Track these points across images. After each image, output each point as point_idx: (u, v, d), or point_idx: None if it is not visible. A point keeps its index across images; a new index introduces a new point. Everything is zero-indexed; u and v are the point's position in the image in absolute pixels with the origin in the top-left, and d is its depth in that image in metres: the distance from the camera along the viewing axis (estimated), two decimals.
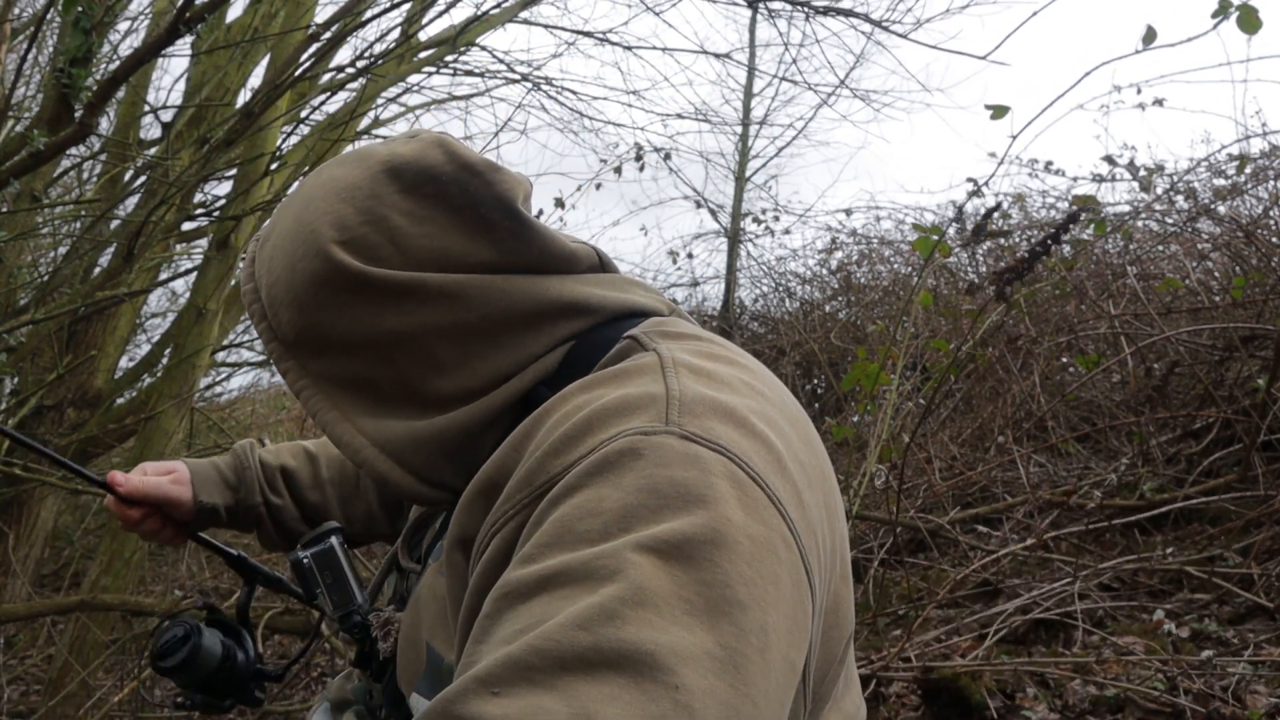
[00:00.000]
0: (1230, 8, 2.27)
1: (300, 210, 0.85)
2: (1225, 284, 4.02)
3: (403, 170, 0.83)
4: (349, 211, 0.82)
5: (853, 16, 5.24)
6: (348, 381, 0.83)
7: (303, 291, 0.82)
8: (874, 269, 6.31)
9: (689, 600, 0.58)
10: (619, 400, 0.71)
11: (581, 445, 0.68)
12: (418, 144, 0.84)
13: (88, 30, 2.62)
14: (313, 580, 0.94)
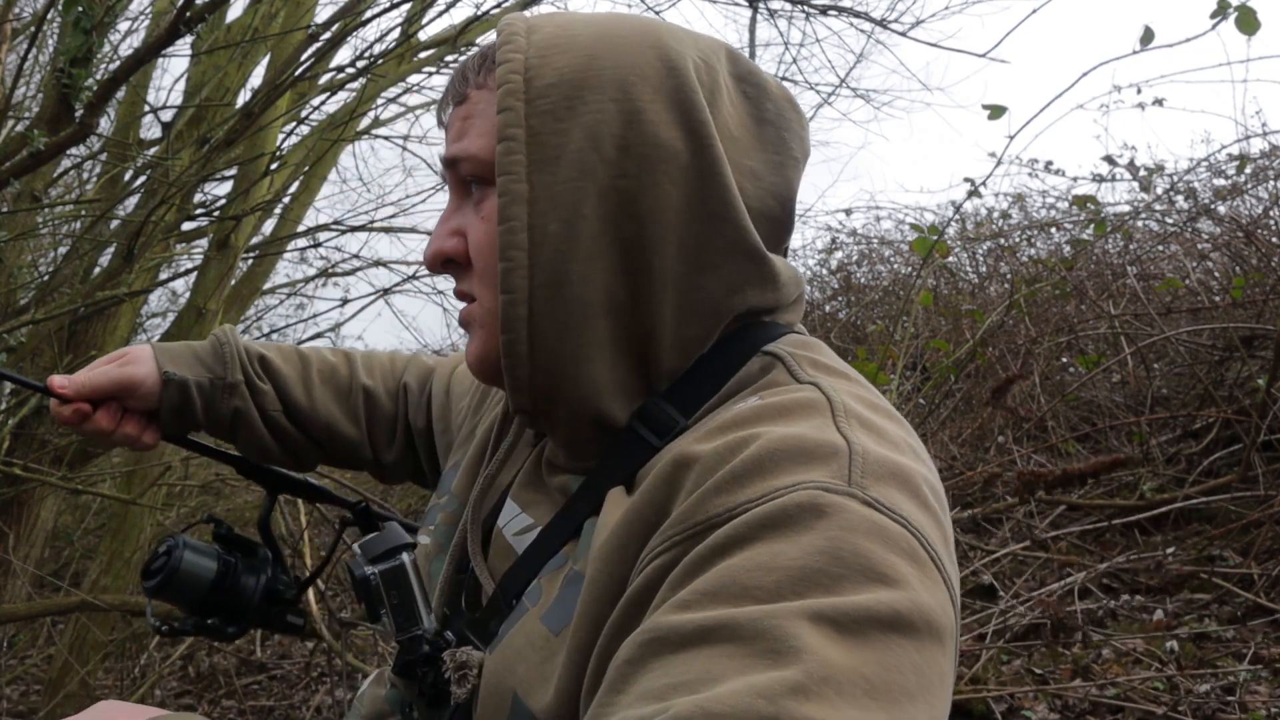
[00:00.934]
0: (1229, 8, 2.27)
1: (642, 24, 0.81)
2: (1225, 284, 4.02)
3: (739, 58, 0.83)
4: (694, 52, 0.80)
5: (853, 15, 5.25)
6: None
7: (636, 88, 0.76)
8: (874, 269, 6.31)
9: (868, 681, 0.54)
10: (795, 443, 0.66)
11: (751, 488, 0.63)
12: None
13: (88, 30, 2.62)
14: (377, 600, 0.83)
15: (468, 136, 0.82)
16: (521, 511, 0.86)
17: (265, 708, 3.74)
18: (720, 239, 0.78)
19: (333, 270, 5.93)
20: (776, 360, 0.78)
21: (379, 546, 0.85)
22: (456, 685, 0.78)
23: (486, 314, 0.82)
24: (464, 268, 0.83)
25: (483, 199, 0.81)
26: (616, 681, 0.58)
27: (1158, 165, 4.65)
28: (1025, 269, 5.05)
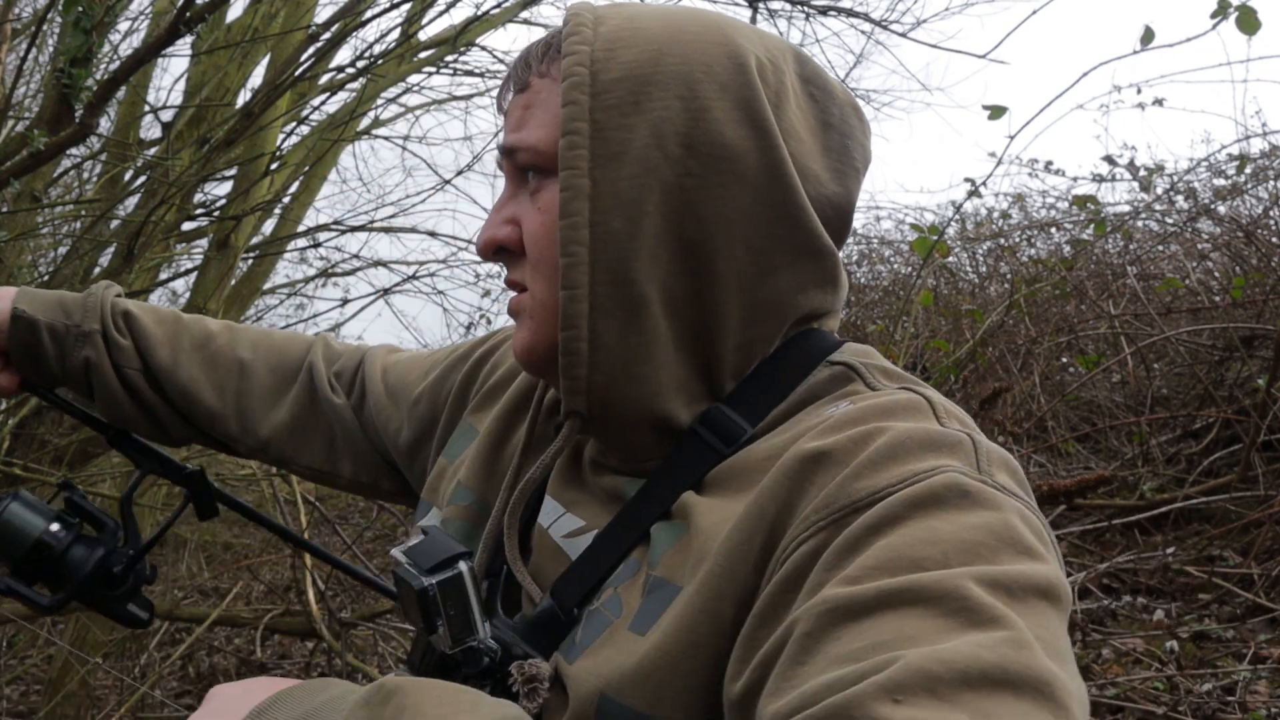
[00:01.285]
0: (1229, 8, 2.27)
1: (710, 20, 0.81)
2: (1225, 284, 4.02)
3: (807, 60, 0.83)
4: (761, 51, 0.79)
5: (853, 16, 5.24)
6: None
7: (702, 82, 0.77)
8: (874, 269, 6.31)
9: (1044, 642, 0.56)
10: (923, 434, 0.68)
11: (890, 472, 0.65)
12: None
13: (88, 30, 2.62)
14: (435, 611, 0.77)
15: (528, 126, 0.81)
16: (567, 511, 0.84)
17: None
18: (789, 239, 0.78)
19: (333, 270, 5.93)
20: (850, 370, 0.79)
21: (434, 554, 0.79)
22: (526, 699, 0.75)
23: (539, 305, 0.80)
24: (516, 256, 0.82)
25: (539, 189, 0.80)
26: (798, 654, 0.59)
27: (1158, 165, 4.65)
28: (1025, 269, 5.05)
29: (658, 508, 0.78)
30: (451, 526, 0.92)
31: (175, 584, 5.34)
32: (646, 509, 0.79)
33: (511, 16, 4.93)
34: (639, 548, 0.78)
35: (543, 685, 0.75)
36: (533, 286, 0.80)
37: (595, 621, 0.77)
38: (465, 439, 1.01)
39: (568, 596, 0.79)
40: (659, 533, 0.77)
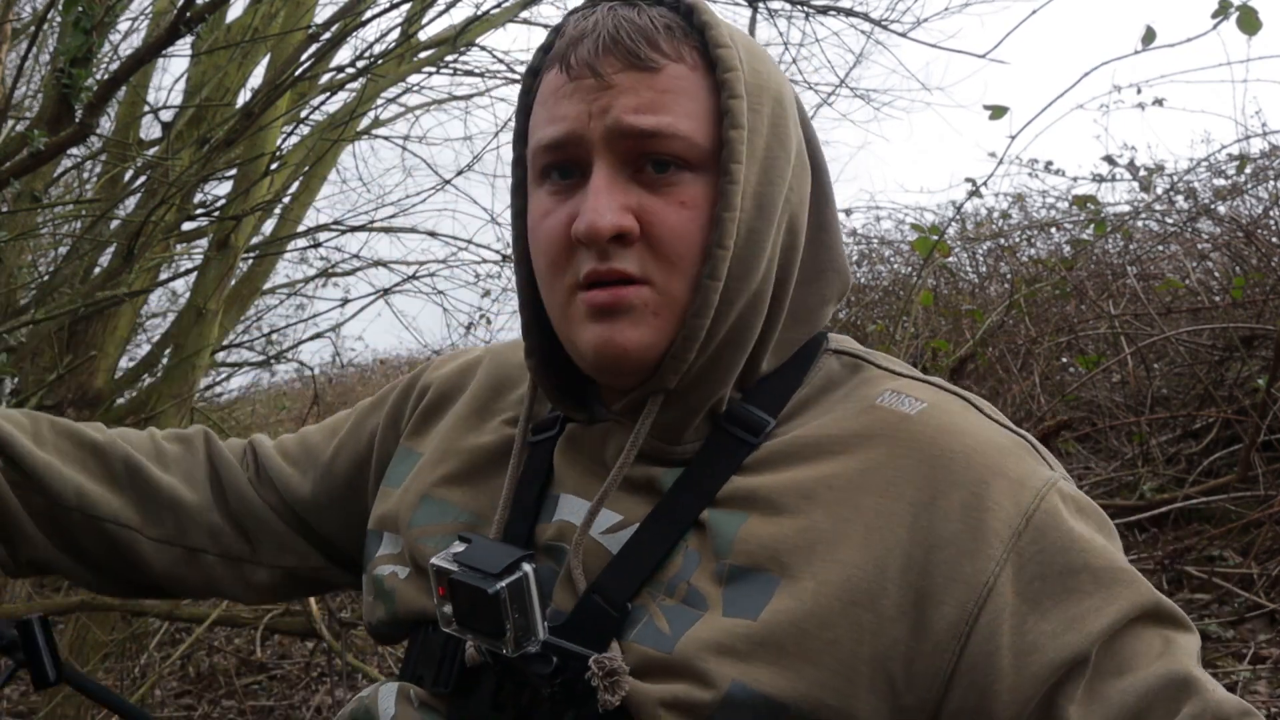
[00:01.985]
0: (1230, 8, 2.27)
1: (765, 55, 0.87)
2: (1225, 284, 4.02)
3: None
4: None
5: (853, 15, 5.24)
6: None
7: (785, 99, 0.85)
8: (874, 269, 6.31)
9: None
10: (1009, 441, 0.79)
11: (1008, 489, 0.75)
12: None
13: (88, 30, 2.62)
14: (503, 614, 0.76)
15: (670, 113, 0.78)
16: (605, 509, 0.83)
17: (265, 708, 3.74)
18: (825, 255, 0.87)
19: (333, 270, 5.92)
20: (857, 360, 0.87)
21: (496, 557, 0.78)
22: (607, 692, 0.74)
23: (666, 301, 0.79)
24: (626, 247, 0.78)
25: (676, 184, 0.79)
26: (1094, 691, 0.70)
27: (1158, 165, 4.65)
28: (1025, 269, 5.05)
29: (703, 496, 0.80)
30: (444, 542, 0.90)
31: None
32: (690, 498, 0.80)
33: (511, 16, 4.93)
34: (694, 534, 0.79)
35: (625, 677, 0.74)
36: (665, 282, 0.78)
37: (678, 616, 0.77)
38: (407, 462, 1.00)
39: (617, 592, 0.79)
40: (720, 521, 0.78)
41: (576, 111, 0.79)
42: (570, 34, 0.81)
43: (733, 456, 0.81)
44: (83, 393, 4.25)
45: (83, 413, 4.19)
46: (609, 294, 0.78)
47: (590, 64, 0.79)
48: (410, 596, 0.90)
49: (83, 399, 4.24)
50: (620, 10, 0.80)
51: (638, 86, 0.78)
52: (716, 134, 0.79)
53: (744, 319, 0.81)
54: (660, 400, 0.81)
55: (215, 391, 6.29)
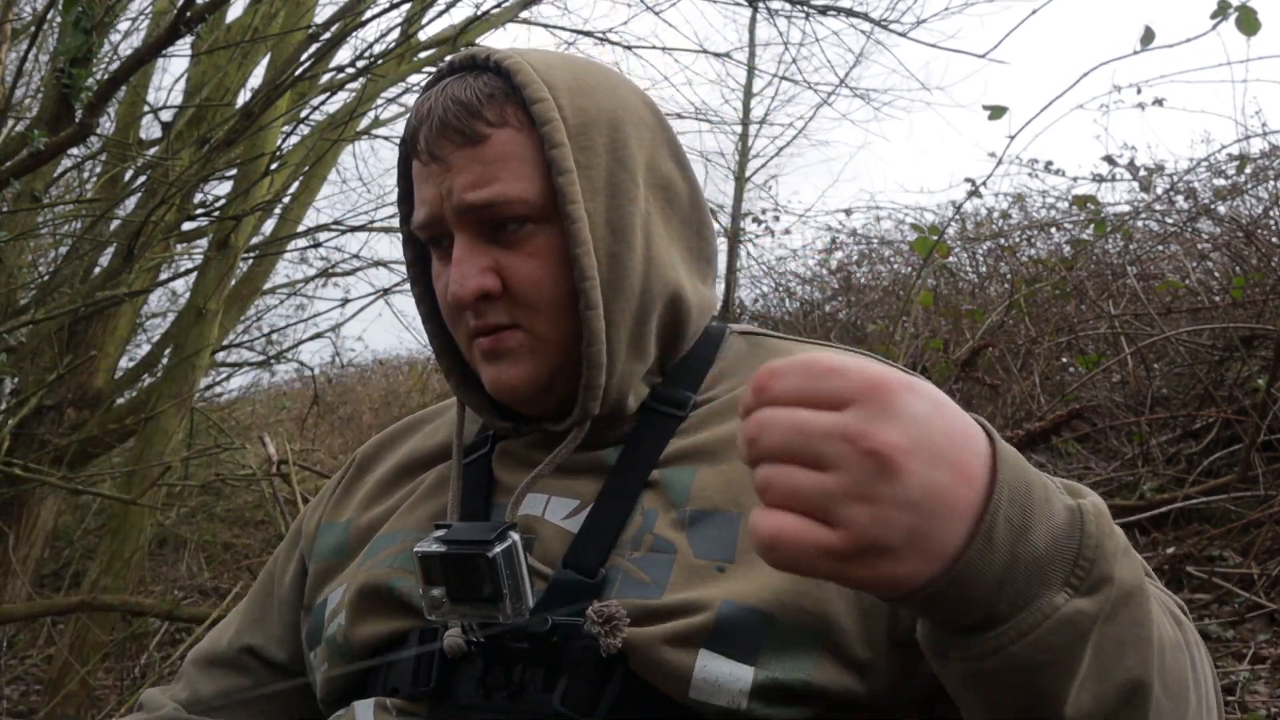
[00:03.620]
0: (1229, 8, 2.27)
1: (611, 71, 0.97)
2: (1225, 284, 4.02)
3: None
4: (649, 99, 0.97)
5: (852, 15, 5.24)
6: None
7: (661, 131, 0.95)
8: (874, 269, 6.31)
9: None
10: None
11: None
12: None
13: (88, 30, 2.62)
14: (500, 579, 0.80)
15: (500, 180, 0.87)
16: (552, 497, 0.91)
17: None
18: (704, 252, 0.98)
19: (333, 270, 5.93)
20: (760, 336, 1.01)
21: (483, 530, 0.83)
22: (609, 636, 0.79)
23: (538, 341, 0.89)
24: (495, 302, 0.88)
25: (525, 238, 0.88)
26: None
27: (1158, 165, 4.65)
28: (1025, 269, 5.05)
29: (648, 461, 0.90)
30: (399, 560, 0.93)
31: (175, 584, 5.34)
32: (637, 464, 0.90)
33: (511, 16, 4.94)
34: (648, 493, 0.88)
35: (624, 621, 0.79)
36: (530, 325, 0.89)
37: (651, 564, 0.83)
38: (333, 532, 1.05)
39: (586, 561, 0.85)
40: (672, 476, 0.88)
41: (432, 195, 0.89)
42: (413, 121, 0.91)
43: (665, 426, 0.92)
44: (83, 392, 4.25)
45: (82, 412, 4.19)
46: (490, 340, 0.90)
47: (431, 150, 0.89)
48: (362, 630, 0.93)
49: (83, 399, 4.24)
50: (451, 88, 0.89)
51: (469, 164, 0.88)
52: (546, 181, 0.88)
53: (638, 331, 0.91)
54: (586, 429, 0.91)
55: (215, 391, 6.30)
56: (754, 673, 0.78)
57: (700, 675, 0.78)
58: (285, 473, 3.59)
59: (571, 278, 0.88)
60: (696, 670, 0.78)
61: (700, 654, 0.78)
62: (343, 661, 0.95)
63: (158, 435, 3.80)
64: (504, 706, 0.83)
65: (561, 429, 0.92)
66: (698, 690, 0.78)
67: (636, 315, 0.90)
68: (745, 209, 7.46)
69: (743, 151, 7.56)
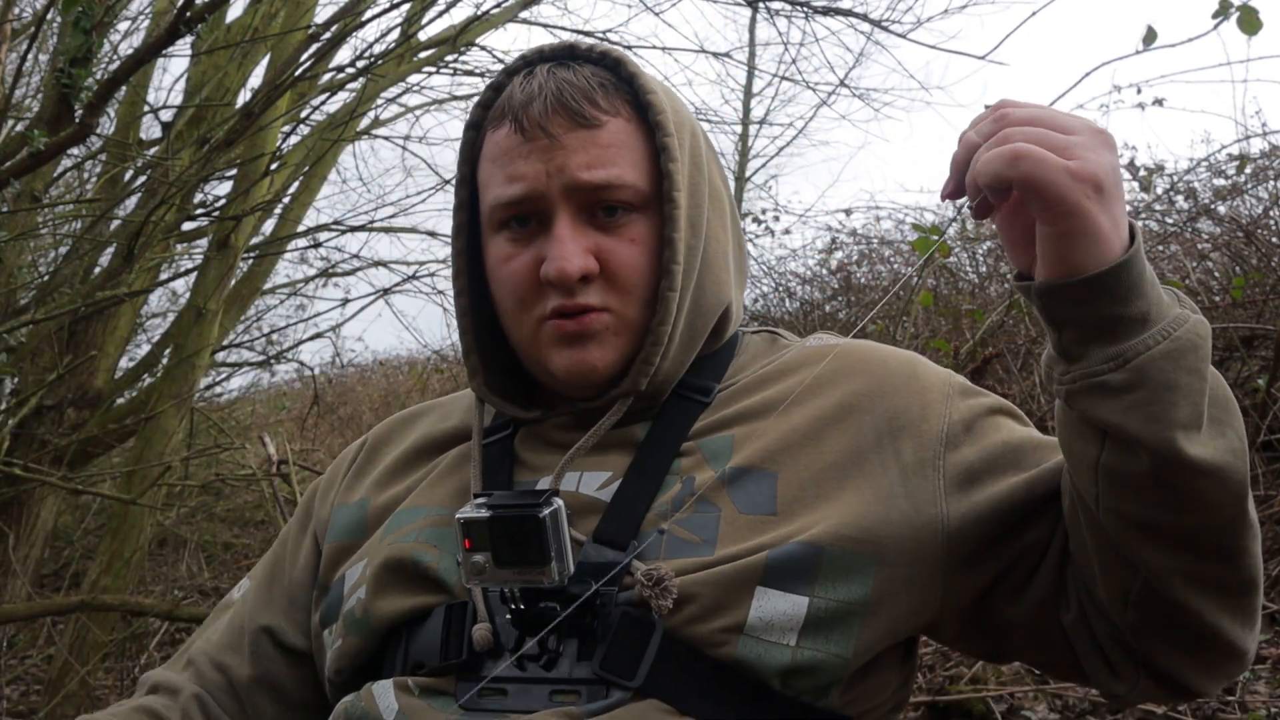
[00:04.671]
0: (1230, 8, 2.27)
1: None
2: (1225, 284, 4.02)
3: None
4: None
5: (852, 16, 5.24)
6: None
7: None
8: (874, 269, 6.31)
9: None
10: (913, 352, 1.03)
11: (929, 371, 1.01)
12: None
13: (88, 30, 2.62)
14: (548, 541, 0.82)
15: (616, 165, 0.92)
16: (584, 472, 0.93)
17: None
18: (743, 264, 1.04)
19: (333, 270, 5.92)
20: (772, 333, 1.06)
21: (530, 496, 0.85)
22: (660, 599, 0.81)
23: (626, 324, 0.93)
24: (590, 283, 0.91)
25: (625, 224, 0.93)
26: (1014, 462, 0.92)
27: (1158, 165, 4.64)
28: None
29: (678, 434, 0.94)
30: (426, 534, 0.94)
31: (175, 584, 5.34)
32: (668, 437, 0.94)
33: (511, 16, 4.94)
34: (681, 459, 0.92)
35: (673, 581, 0.82)
36: (621, 308, 0.93)
37: (699, 525, 0.87)
38: (348, 511, 1.06)
39: (618, 533, 0.88)
40: (709, 442, 0.93)
41: (534, 171, 0.91)
42: (518, 96, 0.93)
43: (692, 408, 0.96)
44: (83, 392, 4.25)
45: (82, 412, 4.19)
46: (575, 323, 0.92)
47: (542, 125, 0.91)
48: (384, 604, 0.93)
49: (83, 399, 4.24)
50: (559, 72, 0.93)
51: (585, 145, 0.91)
52: (653, 173, 0.94)
53: (692, 324, 0.96)
54: (629, 402, 0.94)
55: (215, 391, 6.30)
56: (809, 603, 0.83)
57: (756, 614, 0.82)
58: (285, 473, 3.59)
59: (658, 267, 0.93)
60: (753, 609, 0.82)
61: (757, 591, 0.83)
62: (359, 637, 0.94)
63: (158, 435, 3.80)
64: (539, 676, 0.84)
65: (599, 404, 0.95)
66: (751, 628, 0.82)
67: (694, 309, 0.95)
68: (745, 209, 7.47)
69: (743, 151, 7.57)
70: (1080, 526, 0.85)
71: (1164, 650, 0.85)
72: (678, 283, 0.92)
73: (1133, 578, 0.82)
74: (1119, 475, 0.77)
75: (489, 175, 0.95)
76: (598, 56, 0.96)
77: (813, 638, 0.83)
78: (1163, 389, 0.74)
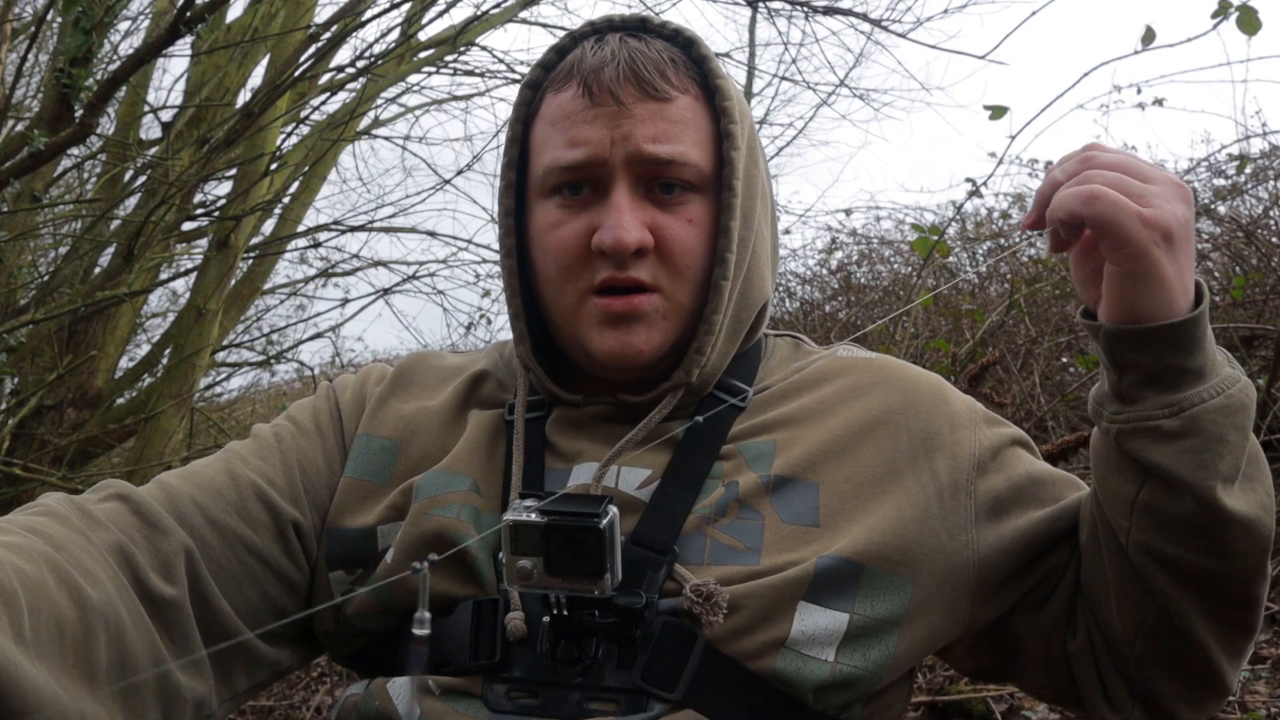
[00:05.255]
0: (1230, 8, 2.27)
1: None
2: (1225, 284, 4.02)
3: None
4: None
5: (852, 16, 5.24)
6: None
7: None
8: (874, 269, 6.31)
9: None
10: (939, 376, 1.02)
11: (957, 397, 1.02)
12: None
13: (88, 30, 2.62)
14: (605, 551, 0.77)
15: (682, 142, 0.89)
16: (627, 467, 0.90)
17: (265, 708, 3.74)
18: (776, 266, 1.02)
19: (333, 270, 5.93)
20: (796, 338, 1.05)
21: (585, 503, 0.79)
22: (710, 614, 0.81)
23: (675, 307, 0.90)
24: (643, 258, 0.88)
25: (685, 203, 0.90)
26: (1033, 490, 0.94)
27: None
28: (1025, 269, 5.05)
29: (718, 436, 0.91)
30: (465, 512, 0.89)
31: None
32: (706, 439, 0.91)
33: (511, 16, 4.94)
34: (728, 467, 0.89)
35: (723, 598, 0.81)
36: (672, 289, 0.90)
37: (743, 531, 0.86)
38: (368, 448, 0.96)
39: (657, 537, 0.85)
40: (751, 447, 0.91)
41: (599, 136, 0.88)
42: (589, 60, 0.90)
43: (729, 411, 0.94)
44: (83, 392, 4.25)
45: (82, 412, 4.19)
46: (624, 302, 0.88)
47: (612, 91, 0.87)
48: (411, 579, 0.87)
49: (83, 399, 4.24)
50: (631, 42, 0.91)
51: (654, 117, 0.88)
52: (713, 157, 0.91)
53: (738, 317, 0.94)
54: (680, 393, 0.92)
55: (215, 391, 6.29)
56: (849, 619, 0.83)
57: (798, 628, 0.82)
58: None
59: (710, 252, 0.90)
60: (795, 624, 0.82)
61: (799, 606, 0.83)
62: (379, 610, 0.88)
63: (157, 435, 3.80)
64: (575, 682, 0.81)
65: (645, 399, 0.93)
66: (794, 642, 0.82)
67: (739, 303, 0.93)
68: None
69: None
70: (1100, 557, 0.87)
71: (1163, 682, 0.88)
72: (730, 272, 0.90)
73: (1149, 608, 0.85)
74: (1156, 513, 0.80)
75: (546, 137, 0.91)
76: (670, 33, 0.94)
77: (850, 653, 0.84)
78: (1213, 440, 0.78)
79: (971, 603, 0.90)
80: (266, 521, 0.90)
